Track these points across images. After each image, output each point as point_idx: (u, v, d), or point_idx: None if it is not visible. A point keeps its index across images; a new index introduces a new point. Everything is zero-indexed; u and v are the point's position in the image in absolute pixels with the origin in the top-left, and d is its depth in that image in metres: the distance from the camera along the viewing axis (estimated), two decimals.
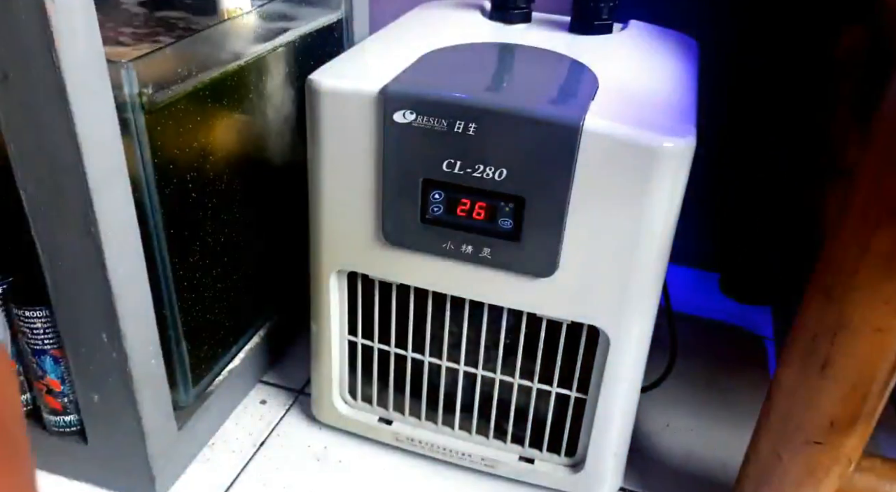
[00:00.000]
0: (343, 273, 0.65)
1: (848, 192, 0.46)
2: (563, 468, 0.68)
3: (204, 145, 0.64)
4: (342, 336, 0.69)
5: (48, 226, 0.52)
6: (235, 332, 0.77)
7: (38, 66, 0.45)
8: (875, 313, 0.46)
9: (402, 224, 0.58)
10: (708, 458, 0.75)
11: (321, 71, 0.58)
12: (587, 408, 0.64)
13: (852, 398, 0.49)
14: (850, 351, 0.48)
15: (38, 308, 0.59)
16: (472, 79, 0.57)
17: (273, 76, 0.72)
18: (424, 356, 0.67)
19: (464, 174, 0.55)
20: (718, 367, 0.87)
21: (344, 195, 0.60)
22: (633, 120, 0.52)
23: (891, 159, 0.43)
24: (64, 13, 0.44)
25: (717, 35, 0.85)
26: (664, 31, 0.72)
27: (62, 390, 0.63)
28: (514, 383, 0.65)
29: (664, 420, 0.79)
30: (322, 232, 0.62)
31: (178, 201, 0.62)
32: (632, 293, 0.56)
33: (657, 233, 0.54)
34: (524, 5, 0.70)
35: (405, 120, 0.54)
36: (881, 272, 0.45)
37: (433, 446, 0.70)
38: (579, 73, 0.59)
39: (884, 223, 0.44)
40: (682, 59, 0.66)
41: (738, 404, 0.82)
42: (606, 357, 0.59)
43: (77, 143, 0.48)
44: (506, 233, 0.56)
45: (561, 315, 0.59)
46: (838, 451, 0.52)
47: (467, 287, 0.60)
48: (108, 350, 0.57)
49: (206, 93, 0.63)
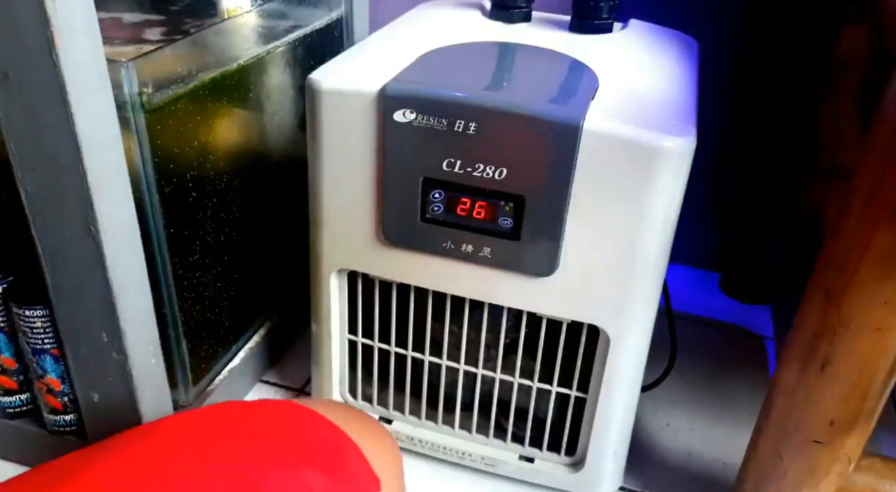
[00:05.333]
0: (343, 272, 0.65)
1: (848, 192, 0.46)
2: (563, 467, 0.68)
3: (204, 145, 0.64)
4: (342, 335, 0.69)
5: (48, 226, 0.52)
6: (235, 331, 0.77)
7: (38, 66, 0.45)
8: (875, 313, 0.46)
9: (402, 223, 0.58)
10: (708, 458, 0.75)
11: (321, 70, 0.58)
12: (587, 407, 0.64)
13: (852, 398, 0.49)
14: (850, 351, 0.48)
15: (38, 308, 0.59)
16: (472, 78, 0.57)
17: (273, 76, 0.72)
18: (424, 356, 0.67)
19: (464, 173, 0.55)
20: (718, 367, 0.87)
21: (344, 195, 0.60)
22: (634, 119, 0.52)
23: (891, 159, 0.43)
24: (64, 13, 0.44)
25: (717, 35, 0.86)
26: (664, 30, 0.72)
27: (62, 389, 0.63)
28: (514, 382, 0.65)
29: (664, 420, 0.79)
30: (322, 231, 0.62)
31: (178, 201, 0.62)
32: (632, 293, 0.56)
33: (657, 232, 0.54)
34: (524, 4, 0.70)
35: (405, 119, 0.54)
36: (881, 272, 0.45)
37: (433, 445, 0.70)
38: (579, 73, 0.59)
39: (884, 223, 0.44)
40: (683, 59, 0.66)
41: (738, 403, 0.82)
42: (606, 357, 0.59)
43: (77, 143, 0.48)
44: (506, 232, 0.56)
45: (561, 314, 0.59)
46: (838, 450, 0.52)
47: (467, 287, 0.60)
48: (108, 350, 0.57)
49: (206, 92, 0.63)
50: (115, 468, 0.41)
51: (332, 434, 0.48)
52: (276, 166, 0.77)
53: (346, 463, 0.46)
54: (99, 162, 0.50)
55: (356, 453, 0.47)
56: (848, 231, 0.46)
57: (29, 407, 0.67)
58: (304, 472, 0.43)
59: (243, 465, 0.42)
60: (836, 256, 0.47)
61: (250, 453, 0.44)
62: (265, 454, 0.44)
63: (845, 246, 0.46)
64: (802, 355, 0.50)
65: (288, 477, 0.42)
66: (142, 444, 0.45)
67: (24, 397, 0.67)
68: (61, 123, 0.47)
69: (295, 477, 0.42)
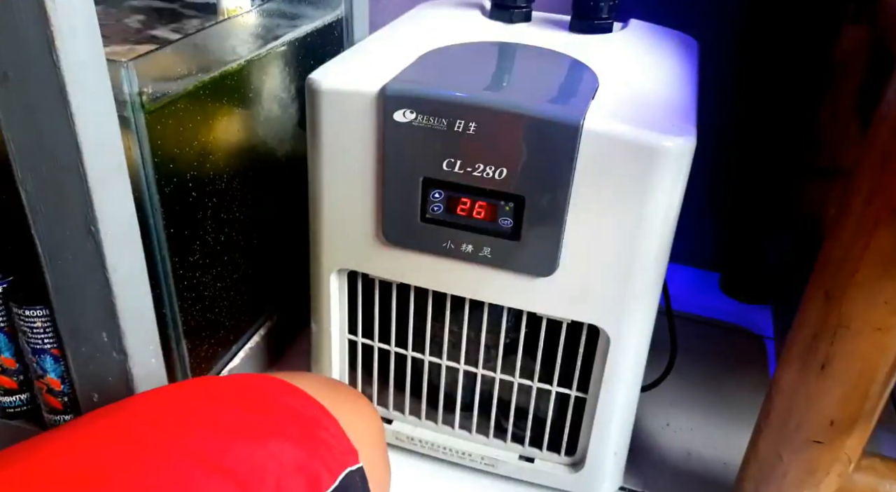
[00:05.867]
0: (343, 272, 0.65)
1: (848, 192, 0.46)
2: (563, 467, 0.68)
3: (204, 145, 0.64)
4: (342, 335, 0.69)
5: (48, 226, 0.52)
6: (235, 331, 0.77)
7: (38, 66, 0.45)
8: (875, 313, 0.46)
9: (402, 223, 0.58)
10: (708, 457, 0.75)
11: (321, 70, 0.58)
12: (587, 407, 0.64)
13: (852, 398, 0.49)
14: (850, 351, 0.48)
15: (38, 308, 0.59)
16: (472, 78, 0.57)
17: (273, 75, 0.72)
18: (424, 355, 0.67)
19: (464, 173, 0.55)
20: (718, 367, 0.87)
21: (344, 194, 0.60)
22: (634, 119, 0.52)
23: (891, 159, 0.43)
24: (64, 13, 0.44)
25: (717, 35, 0.85)
26: (664, 30, 0.72)
27: (62, 389, 0.63)
28: (514, 382, 0.65)
29: (664, 420, 0.79)
30: (322, 231, 0.62)
31: (178, 201, 0.62)
32: (632, 293, 0.56)
33: (657, 232, 0.54)
34: (524, 4, 0.70)
35: (405, 119, 0.54)
36: (881, 272, 0.45)
37: (433, 445, 0.70)
38: (579, 73, 0.59)
39: (884, 223, 0.44)
40: (683, 59, 0.66)
41: (738, 404, 0.82)
42: (606, 356, 0.59)
43: (77, 143, 0.48)
44: (506, 232, 0.56)
45: (561, 314, 0.59)
46: (838, 450, 0.52)
47: (467, 286, 0.60)
48: (108, 350, 0.57)
49: (205, 92, 0.63)
50: (71, 445, 0.40)
51: (306, 405, 0.47)
52: (276, 166, 0.77)
53: (320, 434, 0.45)
54: (99, 162, 0.50)
55: (332, 424, 0.46)
56: (848, 231, 0.46)
57: (29, 407, 0.67)
58: (273, 445, 0.42)
59: (206, 438, 0.41)
60: (836, 256, 0.47)
61: (216, 426, 0.42)
62: (232, 427, 0.42)
63: (845, 246, 0.46)
64: (802, 355, 0.50)
65: (255, 450, 0.41)
66: (104, 420, 0.43)
67: (24, 396, 0.67)
68: (61, 123, 0.47)
69: (263, 450, 0.41)
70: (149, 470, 0.38)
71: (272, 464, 0.41)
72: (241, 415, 0.44)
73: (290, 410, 0.46)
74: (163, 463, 0.39)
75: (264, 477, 0.40)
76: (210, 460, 0.39)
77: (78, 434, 0.42)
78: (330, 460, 0.44)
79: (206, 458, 0.40)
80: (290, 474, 0.41)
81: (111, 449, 0.40)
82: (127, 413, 0.44)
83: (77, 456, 0.39)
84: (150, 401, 0.46)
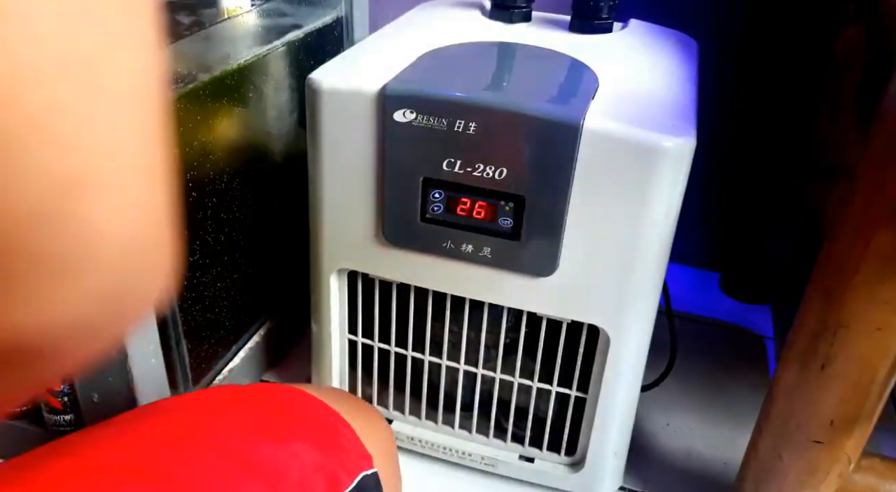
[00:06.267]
0: (343, 272, 0.65)
1: (848, 192, 0.46)
2: (563, 467, 0.68)
3: (204, 145, 0.64)
4: (342, 335, 0.69)
5: None
6: (236, 331, 0.77)
7: None
8: (875, 313, 0.46)
9: (402, 223, 0.58)
10: (708, 457, 0.75)
11: (321, 70, 0.58)
12: (587, 407, 0.64)
13: (852, 398, 0.49)
14: (850, 351, 0.48)
15: None
16: (472, 78, 0.57)
17: (273, 75, 0.72)
18: (424, 355, 0.67)
19: (464, 173, 0.55)
20: (718, 367, 0.87)
21: (344, 194, 0.60)
22: (634, 119, 0.52)
23: (891, 159, 0.43)
24: None
25: (717, 35, 0.85)
26: (664, 30, 0.72)
27: (62, 389, 0.63)
28: (514, 382, 0.65)
29: (664, 420, 0.79)
30: (322, 231, 0.62)
31: (177, 201, 0.62)
32: (632, 293, 0.56)
33: (657, 232, 0.54)
34: (524, 4, 0.70)
35: (405, 119, 0.54)
36: (881, 272, 0.45)
37: (433, 445, 0.70)
38: (579, 73, 0.59)
39: (884, 223, 0.44)
40: (682, 59, 0.66)
41: (738, 404, 0.82)
42: (606, 356, 0.59)
43: None
44: (506, 232, 0.56)
45: (561, 314, 0.59)
46: (838, 450, 0.52)
47: (467, 286, 0.60)
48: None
49: (205, 92, 0.63)
50: (107, 445, 0.42)
51: (324, 413, 0.49)
52: (276, 166, 0.77)
53: (338, 440, 0.47)
54: None
55: (348, 431, 0.48)
56: (848, 231, 0.46)
57: (29, 407, 0.67)
58: (296, 445, 0.44)
59: (235, 439, 0.43)
60: (836, 256, 0.47)
61: (242, 429, 0.44)
62: (257, 430, 0.44)
63: (845, 246, 0.46)
64: (802, 355, 0.50)
65: (280, 450, 0.43)
66: (135, 422, 0.45)
67: None
68: None
69: (286, 450, 0.43)
70: (192, 466, 0.41)
71: (295, 463, 0.43)
72: (265, 419, 0.46)
73: (309, 416, 0.48)
74: (200, 460, 0.41)
75: (288, 474, 0.42)
76: (241, 458, 0.42)
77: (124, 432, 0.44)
78: (347, 463, 0.46)
79: (238, 456, 0.42)
80: (311, 473, 0.43)
81: (145, 451, 0.42)
82: (157, 417, 0.46)
83: (127, 452, 0.41)
84: (178, 404, 0.48)
